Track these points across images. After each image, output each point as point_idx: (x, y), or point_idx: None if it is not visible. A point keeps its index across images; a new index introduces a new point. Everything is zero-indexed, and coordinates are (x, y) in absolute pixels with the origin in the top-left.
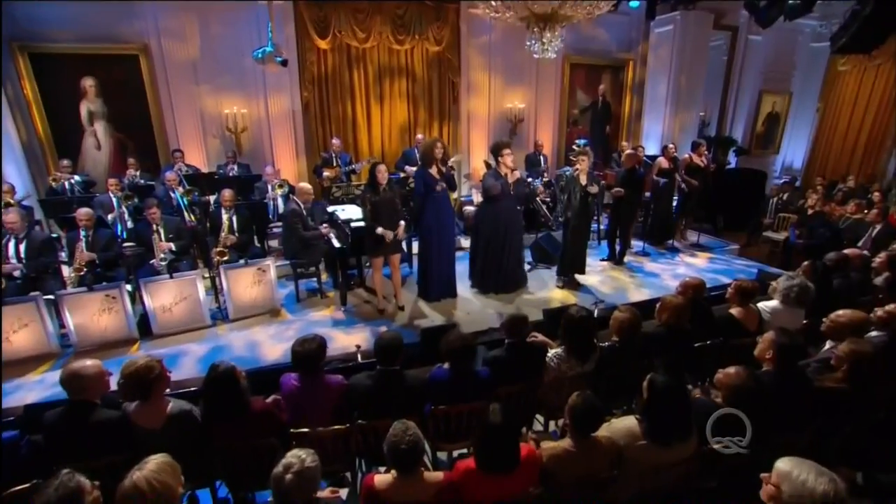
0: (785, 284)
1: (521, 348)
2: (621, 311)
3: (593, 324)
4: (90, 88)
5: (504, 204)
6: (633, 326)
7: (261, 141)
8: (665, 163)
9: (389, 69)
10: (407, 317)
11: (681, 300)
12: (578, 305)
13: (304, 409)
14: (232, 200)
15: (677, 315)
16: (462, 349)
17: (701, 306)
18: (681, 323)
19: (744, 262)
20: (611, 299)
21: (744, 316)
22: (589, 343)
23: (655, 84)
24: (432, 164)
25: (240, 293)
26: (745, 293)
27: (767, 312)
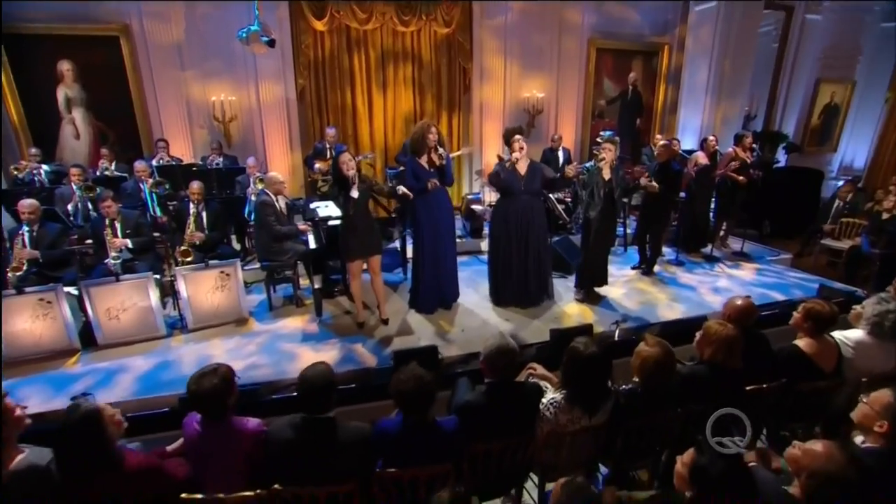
0: (876, 309)
1: (507, 391)
2: (649, 344)
3: (606, 363)
4: (67, 73)
5: (517, 200)
6: (663, 366)
7: (251, 131)
8: (703, 158)
9: (393, 53)
10: (390, 332)
11: (731, 330)
12: (585, 338)
13: (207, 462)
14: (201, 194)
15: (726, 350)
16: (415, 393)
17: (755, 336)
18: (730, 360)
19: (798, 274)
20: (636, 317)
21: (816, 350)
22: (599, 389)
23: (694, 70)
24: (424, 153)
25: (200, 299)
26: (821, 320)
27: (849, 347)
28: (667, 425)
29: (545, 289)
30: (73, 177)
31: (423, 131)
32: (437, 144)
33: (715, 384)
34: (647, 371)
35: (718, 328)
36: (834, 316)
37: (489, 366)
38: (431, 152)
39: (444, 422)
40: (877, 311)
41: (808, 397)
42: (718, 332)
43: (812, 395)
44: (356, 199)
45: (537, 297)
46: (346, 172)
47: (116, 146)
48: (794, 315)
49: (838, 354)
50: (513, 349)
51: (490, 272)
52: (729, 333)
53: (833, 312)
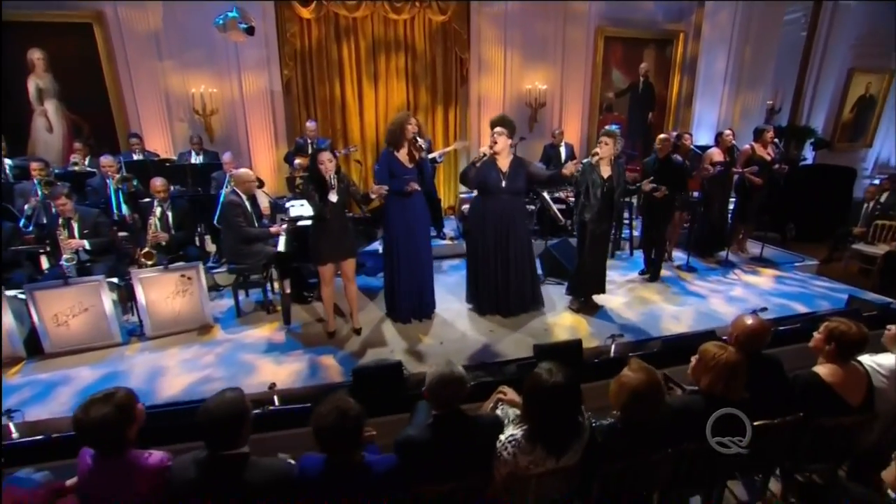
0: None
1: (456, 424)
2: (632, 369)
3: (574, 395)
4: (38, 62)
5: (497, 200)
6: (647, 397)
7: (234, 125)
8: (718, 155)
9: (385, 43)
10: (361, 343)
11: (732, 355)
12: (550, 366)
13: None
14: (165, 191)
15: (727, 378)
16: (335, 429)
17: (766, 360)
18: (731, 391)
19: (825, 283)
20: (635, 329)
21: (840, 379)
22: (566, 425)
23: (711, 59)
24: (403, 146)
25: (159, 305)
26: (847, 343)
27: (882, 375)
28: (654, 468)
29: (528, 297)
30: (34, 172)
31: (401, 122)
32: (416, 136)
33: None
34: (628, 402)
35: (717, 352)
36: (863, 339)
37: (432, 397)
38: (411, 145)
39: (378, 461)
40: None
41: (831, 434)
42: (717, 358)
43: (835, 433)
44: (334, 203)
45: (518, 306)
46: (324, 175)
47: (92, 140)
48: (815, 335)
49: (868, 384)
50: (457, 378)
51: (468, 277)
52: (729, 359)
53: (862, 335)
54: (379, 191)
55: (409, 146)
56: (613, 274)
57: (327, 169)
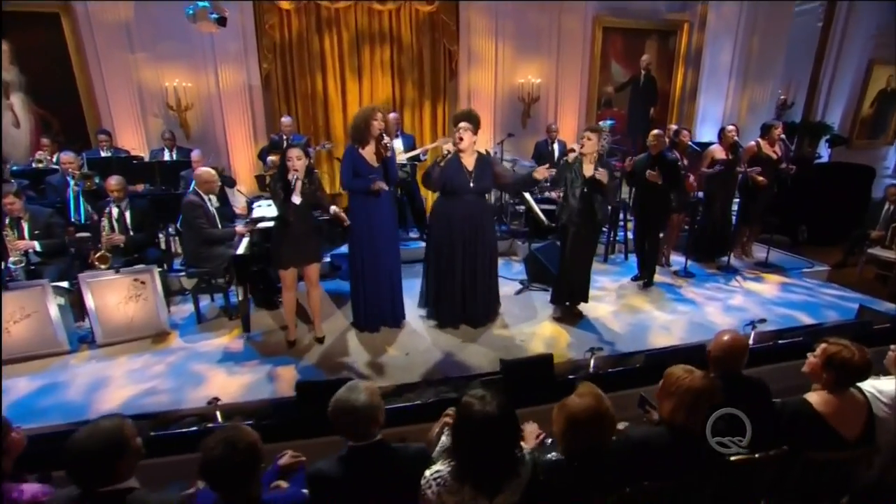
0: None
1: (372, 457)
2: (578, 393)
3: (508, 427)
4: (3, 54)
5: (463, 200)
6: (589, 427)
7: (211, 121)
8: (720, 152)
9: (369, 35)
10: (322, 353)
11: (698, 381)
12: (483, 392)
13: None
14: (121, 190)
15: (690, 407)
16: (223, 464)
17: (746, 385)
18: (697, 422)
19: (835, 290)
20: (620, 341)
21: (835, 409)
22: (499, 461)
23: (716, 51)
24: (368, 143)
25: (110, 311)
26: (847, 371)
27: (883, 404)
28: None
29: (492, 305)
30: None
31: (366, 117)
32: (382, 133)
33: (677, 453)
34: (566, 431)
35: (680, 376)
36: (866, 367)
37: (334, 426)
38: (377, 143)
39: (284, 497)
40: None
41: (823, 470)
42: (679, 382)
43: (828, 468)
44: (297, 206)
45: (485, 314)
46: (289, 175)
47: (61, 136)
48: (810, 358)
49: (868, 414)
50: (352, 406)
51: (427, 285)
52: (693, 385)
53: (865, 363)
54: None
55: (375, 143)
56: (604, 279)
57: (294, 167)
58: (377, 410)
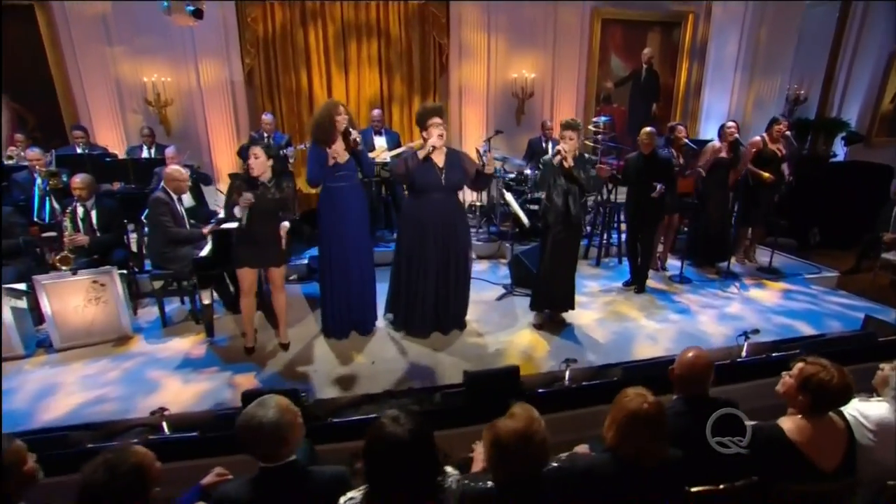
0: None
1: (285, 481)
2: (510, 415)
3: (422, 450)
4: None
5: (433, 199)
6: (516, 453)
7: (192, 118)
8: (721, 150)
9: (356, 28)
10: (286, 360)
11: (644, 408)
12: (397, 413)
13: None
14: (86, 188)
15: (631, 436)
16: (103, 490)
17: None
18: (651, 452)
19: (843, 298)
20: (602, 352)
21: (810, 437)
22: (416, 488)
23: (722, 43)
24: (333, 142)
25: (68, 315)
26: (821, 391)
27: (869, 431)
28: None
29: (461, 311)
30: None
31: (329, 114)
32: (348, 128)
33: (621, 485)
34: (498, 460)
35: (626, 400)
36: (844, 391)
37: (240, 445)
38: (345, 138)
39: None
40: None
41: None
42: (623, 408)
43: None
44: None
45: (456, 320)
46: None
47: (38, 132)
48: (785, 378)
49: (848, 443)
50: (259, 424)
51: (394, 291)
52: (638, 412)
53: (844, 386)
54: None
55: (343, 139)
56: (594, 284)
57: (252, 166)
58: (288, 429)
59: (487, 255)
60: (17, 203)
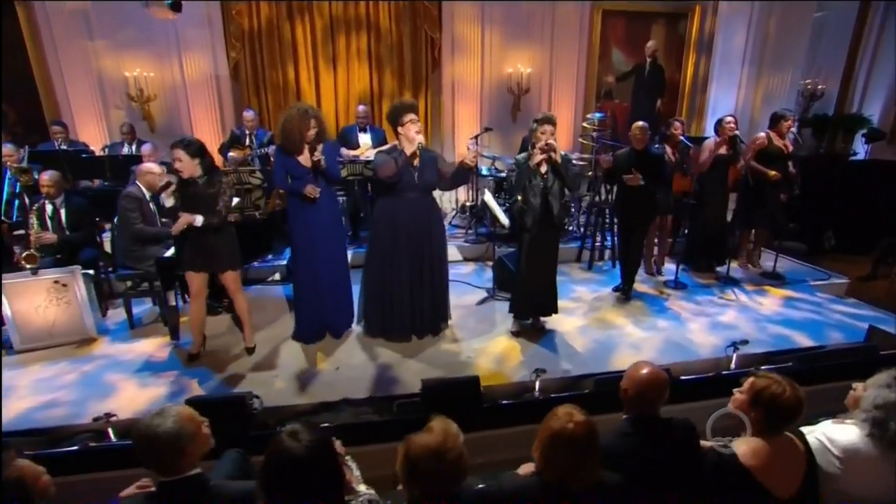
0: (881, 397)
1: (184, 496)
2: (427, 429)
3: (323, 469)
4: None
5: (407, 198)
6: (428, 470)
7: (176, 113)
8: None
9: (345, 22)
10: (249, 365)
11: (568, 429)
12: (296, 427)
13: None
14: (54, 186)
15: (552, 456)
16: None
17: (663, 428)
18: (578, 475)
19: (849, 307)
20: (579, 362)
21: (765, 461)
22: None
23: (729, 34)
24: (300, 153)
25: (28, 315)
26: (773, 405)
27: (834, 457)
28: None
29: (441, 314)
30: None
31: (297, 125)
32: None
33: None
34: (410, 477)
35: (555, 418)
36: (794, 406)
37: (136, 456)
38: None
39: None
40: (881, 401)
41: None
42: (549, 428)
43: None
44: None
45: (433, 324)
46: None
47: (19, 127)
48: (736, 394)
49: (807, 468)
50: (154, 434)
51: (366, 294)
52: (562, 430)
53: (794, 400)
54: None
55: (309, 149)
56: (583, 288)
57: (179, 170)
58: (188, 441)
59: (475, 258)
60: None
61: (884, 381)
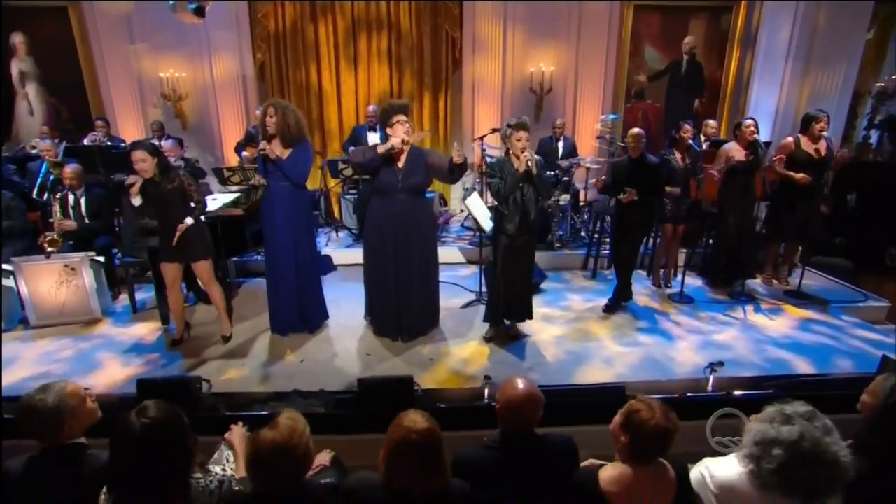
0: (759, 433)
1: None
2: (272, 426)
3: (165, 446)
4: (20, 45)
5: (393, 199)
6: (279, 466)
7: (206, 111)
8: (738, 151)
9: (366, 23)
10: (221, 352)
11: (416, 434)
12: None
13: None
14: (76, 178)
15: (404, 462)
16: None
17: (536, 445)
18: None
19: (875, 334)
20: (543, 373)
21: (627, 488)
22: (157, 482)
23: (774, 28)
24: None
25: (43, 294)
26: (638, 431)
27: (711, 494)
28: None
29: (427, 317)
30: None
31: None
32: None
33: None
34: (255, 468)
35: (398, 425)
36: (659, 435)
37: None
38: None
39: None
40: (759, 437)
41: None
42: (390, 433)
43: None
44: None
45: (421, 326)
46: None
47: (70, 123)
48: (616, 416)
49: (676, 498)
50: (34, 407)
51: (367, 293)
52: (403, 437)
53: (660, 430)
54: (258, 181)
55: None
56: (577, 297)
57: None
58: (69, 415)
59: (476, 261)
60: (23, 189)
61: (767, 417)
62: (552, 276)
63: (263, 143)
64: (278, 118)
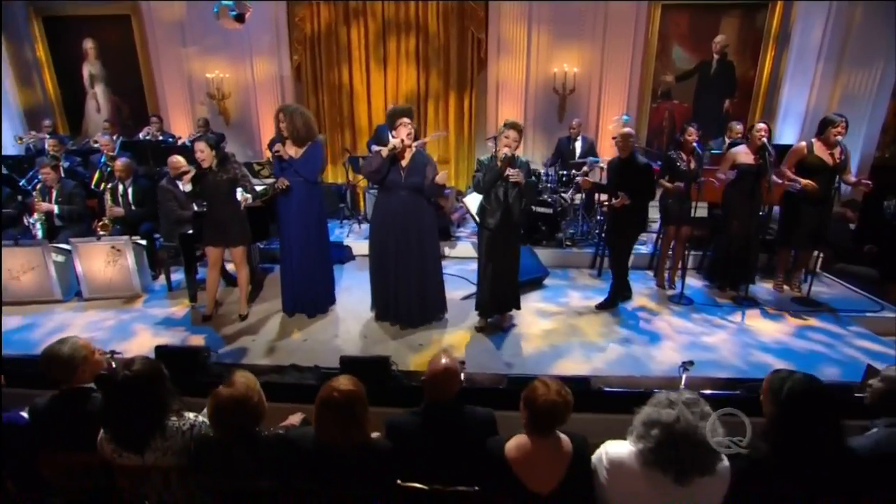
0: (645, 415)
1: (76, 402)
2: (232, 385)
3: (145, 392)
4: (90, 50)
5: (396, 195)
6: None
7: (247, 110)
8: (746, 155)
9: (395, 24)
10: (236, 329)
11: (338, 394)
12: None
13: None
14: (125, 171)
15: (327, 419)
16: None
17: (453, 415)
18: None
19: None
20: (518, 364)
21: (526, 456)
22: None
23: (808, 27)
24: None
25: (94, 272)
26: (530, 405)
27: (604, 469)
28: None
29: (431, 307)
30: (50, 147)
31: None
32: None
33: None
34: (218, 417)
35: (327, 388)
36: (547, 410)
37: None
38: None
39: None
40: (645, 418)
41: None
42: (319, 396)
43: None
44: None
45: (421, 316)
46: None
47: (131, 120)
48: None
49: (569, 469)
50: (52, 355)
51: (372, 285)
52: (326, 396)
53: (551, 405)
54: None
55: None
56: (577, 294)
57: (201, 160)
58: (81, 363)
59: None
60: (84, 179)
61: (656, 401)
62: (558, 273)
63: (278, 146)
64: (287, 122)
